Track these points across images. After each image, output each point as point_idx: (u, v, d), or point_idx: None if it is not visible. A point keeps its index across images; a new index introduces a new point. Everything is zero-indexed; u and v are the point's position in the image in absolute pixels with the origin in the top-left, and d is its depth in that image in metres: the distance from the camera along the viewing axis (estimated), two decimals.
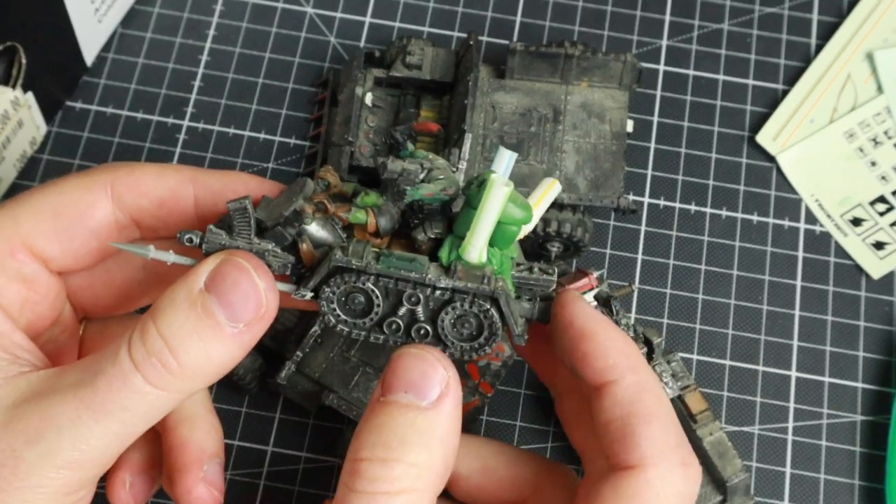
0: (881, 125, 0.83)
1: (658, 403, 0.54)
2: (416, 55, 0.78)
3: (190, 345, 0.51)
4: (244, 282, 0.52)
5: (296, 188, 0.55)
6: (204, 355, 0.51)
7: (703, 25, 0.87)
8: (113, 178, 0.57)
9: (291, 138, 0.83)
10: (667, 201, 0.81)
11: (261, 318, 0.52)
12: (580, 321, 0.56)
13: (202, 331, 0.51)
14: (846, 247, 0.80)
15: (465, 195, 0.54)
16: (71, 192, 0.57)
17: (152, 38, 0.85)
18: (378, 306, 0.54)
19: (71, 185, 0.57)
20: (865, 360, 0.78)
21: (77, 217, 0.57)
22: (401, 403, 0.52)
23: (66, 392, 0.50)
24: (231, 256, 0.52)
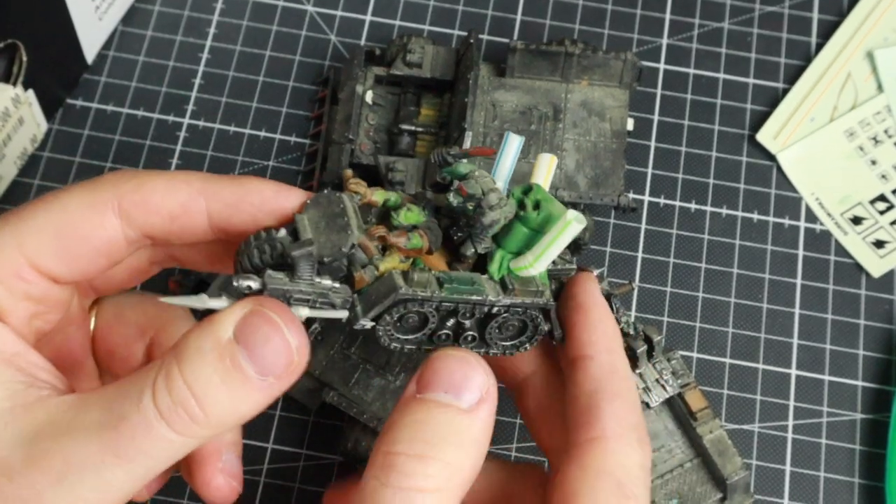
0: (881, 124, 0.83)
1: (624, 386, 0.55)
2: (417, 53, 0.78)
3: (217, 396, 0.50)
4: (275, 337, 0.50)
5: (334, 207, 0.53)
6: (231, 406, 0.50)
7: (703, 24, 0.87)
8: (119, 194, 0.55)
9: (292, 136, 0.83)
10: (667, 199, 0.81)
11: (291, 372, 0.51)
12: (583, 296, 0.57)
13: (230, 383, 0.50)
14: (846, 245, 0.80)
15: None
16: (75, 210, 0.55)
17: (153, 35, 0.85)
18: (433, 324, 0.54)
19: (75, 203, 0.55)
20: (865, 358, 0.78)
21: (82, 238, 0.55)
22: (440, 402, 0.51)
23: (90, 433, 0.49)
24: (261, 308, 0.51)
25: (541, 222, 0.54)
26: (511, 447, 0.75)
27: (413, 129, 0.77)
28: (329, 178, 0.77)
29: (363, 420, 0.69)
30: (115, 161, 0.81)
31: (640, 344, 0.67)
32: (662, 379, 0.69)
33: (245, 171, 0.81)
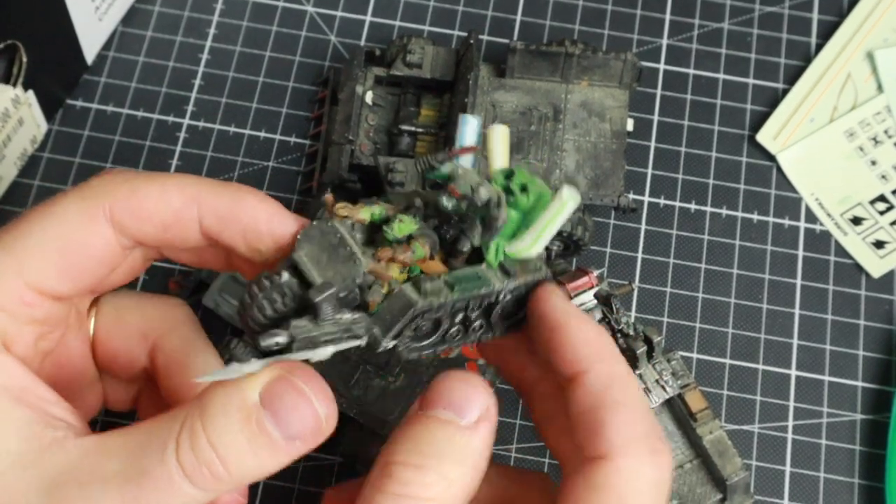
0: (881, 124, 0.83)
1: (626, 392, 0.53)
2: (417, 54, 0.78)
3: (242, 457, 0.50)
4: (303, 406, 0.50)
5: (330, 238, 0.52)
6: (256, 467, 0.50)
7: (703, 24, 0.87)
8: (112, 201, 0.54)
9: (292, 137, 0.83)
10: (667, 200, 0.81)
11: (318, 437, 0.51)
12: (552, 313, 0.55)
13: (256, 445, 0.50)
14: (846, 246, 0.80)
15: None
16: (72, 222, 0.54)
17: (153, 36, 0.85)
18: (445, 325, 0.54)
19: (71, 215, 0.54)
20: (865, 358, 0.78)
21: (83, 250, 0.54)
22: (441, 419, 0.52)
23: (111, 484, 0.49)
24: (288, 375, 0.50)
25: (532, 204, 0.54)
26: (511, 447, 0.75)
27: (413, 129, 0.77)
28: (329, 178, 0.77)
29: (363, 421, 0.69)
30: (115, 162, 0.81)
31: (639, 345, 0.67)
32: (662, 380, 0.69)
33: (245, 172, 0.81)
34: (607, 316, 0.69)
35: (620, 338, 0.69)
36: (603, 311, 0.69)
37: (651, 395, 0.69)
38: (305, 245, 0.52)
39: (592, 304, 0.71)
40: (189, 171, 0.81)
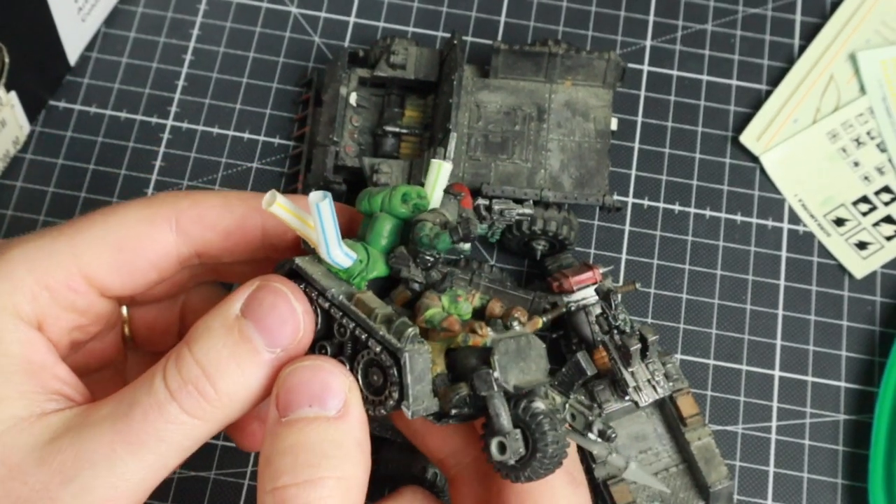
0: (864, 126, 0.83)
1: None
2: (401, 55, 0.78)
3: (228, 371, 0.50)
4: (282, 305, 0.51)
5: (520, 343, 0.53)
6: (242, 381, 0.50)
7: (686, 26, 0.87)
8: (177, 210, 0.56)
9: (275, 138, 0.82)
10: (651, 201, 0.82)
11: (299, 342, 0.52)
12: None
13: (240, 356, 0.50)
14: (829, 247, 0.81)
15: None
16: (134, 224, 0.55)
17: (136, 37, 0.85)
18: None
19: (134, 217, 0.56)
20: (848, 359, 0.78)
21: (140, 251, 0.55)
22: (308, 419, 0.50)
23: (102, 425, 0.50)
24: (267, 281, 0.52)
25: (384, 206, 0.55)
26: None
27: (397, 130, 0.77)
28: (314, 180, 0.77)
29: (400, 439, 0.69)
30: (98, 163, 0.81)
31: (634, 342, 0.67)
32: (654, 380, 0.69)
33: (229, 173, 0.81)
34: (605, 311, 0.69)
35: (617, 334, 0.69)
36: (602, 307, 0.69)
37: (641, 393, 0.69)
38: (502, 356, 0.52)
39: (594, 299, 0.72)
40: (172, 173, 0.81)
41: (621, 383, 0.69)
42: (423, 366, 0.51)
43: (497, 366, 0.51)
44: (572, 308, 0.72)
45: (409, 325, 0.50)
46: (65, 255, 0.54)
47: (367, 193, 0.56)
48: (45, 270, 0.53)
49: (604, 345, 0.70)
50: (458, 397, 0.51)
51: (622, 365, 0.68)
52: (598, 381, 0.70)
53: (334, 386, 0.51)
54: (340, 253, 0.53)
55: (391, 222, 0.55)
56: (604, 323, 0.69)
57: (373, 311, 0.51)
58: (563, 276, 0.72)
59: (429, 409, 0.51)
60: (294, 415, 0.50)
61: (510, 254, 0.79)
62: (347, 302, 0.52)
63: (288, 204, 0.53)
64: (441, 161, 0.56)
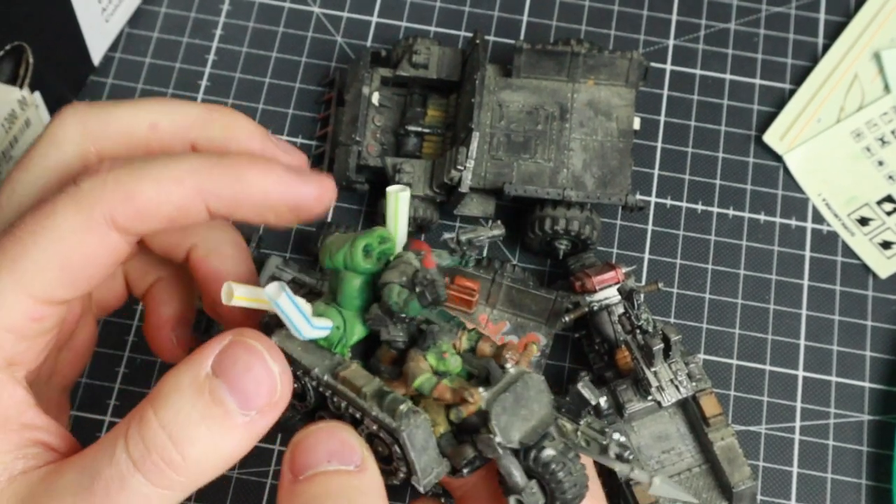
0: (888, 124, 0.83)
1: None
2: (423, 54, 0.78)
3: (196, 436, 0.46)
4: (256, 365, 0.48)
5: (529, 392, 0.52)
6: (212, 447, 0.47)
7: (709, 25, 0.87)
8: (109, 208, 0.51)
9: (298, 138, 0.83)
10: (674, 200, 0.81)
11: (274, 405, 0.48)
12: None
13: (210, 420, 0.47)
14: (853, 246, 0.80)
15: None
16: (70, 236, 0.51)
17: (159, 37, 0.85)
18: None
19: (68, 228, 0.51)
20: (872, 359, 0.78)
21: (85, 261, 0.52)
22: (329, 472, 0.48)
23: (64, 497, 0.47)
24: (241, 336, 0.48)
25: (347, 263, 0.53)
26: None
27: (420, 130, 0.77)
28: (336, 179, 0.77)
29: None
30: None
31: (656, 342, 0.67)
32: (677, 380, 0.69)
33: None
34: (628, 311, 0.69)
35: (639, 334, 0.69)
36: (624, 306, 0.69)
37: (664, 393, 0.69)
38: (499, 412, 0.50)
39: (616, 298, 0.71)
40: None
41: (644, 383, 0.69)
42: (424, 436, 0.50)
43: (497, 430, 0.49)
44: (595, 308, 0.72)
45: (400, 401, 0.49)
46: (14, 291, 0.50)
47: (327, 249, 0.53)
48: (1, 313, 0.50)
49: (626, 344, 0.69)
50: (467, 460, 0.50)
51: (645, 365, 0.68)
52: (621, 380, 0.70)
53: (352, 442, 0.49)
54: (313, 330, 0.51)
55: (359, 279, 0.52)
56: (626, 323, 0.69)
57: (361, 390, 0.50)
58: (586, 275, 0.72)
59: (440, 474, 0.51)
60: (313, 471, 0.48)
61: (532, 254, 0.79)
62: (334, 381, 0.50)
63: (247, 292, 0.50)
64: (397, 190, 0.54)
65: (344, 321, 0.52)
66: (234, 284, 0.50)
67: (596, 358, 0.74)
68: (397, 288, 0.51)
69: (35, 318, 0.51)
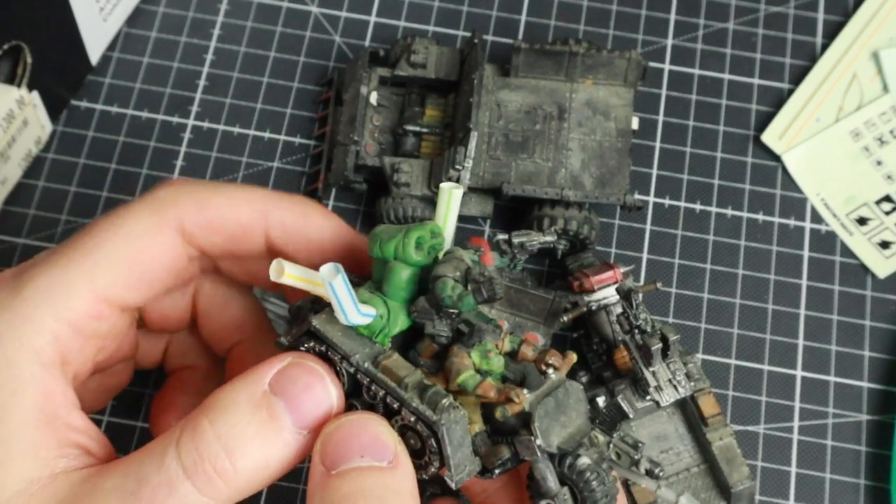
0: (887, 124, 0.83)
1: None
2: (421, 54, 0.78)
3: (251, 449, 0.48)
4: (317, 386, 0.49)
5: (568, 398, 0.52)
6: (263, 461, 0.48)
7: (708, 24, 0.87)
8: (181, 213, 0.54)
9: (296, 137, 0.82)
10: (672, 200, 0.81)
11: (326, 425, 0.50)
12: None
13: (266, 435, 0.48)
14: (852, 246, 0.80)
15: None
16: (142, 236, 0.54)
17: (157, 37, 0.85)
18: None
19: (141, 228, 0.54)
20: (871, 359, 0.78)
21: (152, 263, 0.54)
22: (362, 468, 0.49)
23: (109, 499, 0.48)
24: (302, 360, 0.50)
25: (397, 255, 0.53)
26: None
27: (418, 129, 0.77)
28: (334, 179, 0.77)
29: None
30: (119, 163, 0.81)
31: (655, 342, 0.67)
32: (675, 380, 0.69)
33: (249, 173, 0.81)
34: (626, 311, 0.69)
35: (638, 334, 0.69)
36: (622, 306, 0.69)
37: (662, 393, 0.69)
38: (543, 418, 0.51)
39: (614, 298, 0.71)
40: (193, 172, 0.81)
41: (642, 383, 0.69)
42: (461, 432, 0.50)
43: (538, 432, 0.50)
44: (593, 307, 0.72)
45: (442, 395, 0.49)
46: (81, 284, 0.52)
47: (377, 238, 0.53)
48: (64, 306, 0.52)
49: (625, 344, 0.69)
50: (501, 461, 0.50)
51: (643, 364, 0.68)
52: (619, 380, 0.70)
53: (385, 437, 0.49)
54: (359, 316, 0.51)
55: (408, 271, 0.53)
56: (625, 322, 0.69)
57: (402, 380, 0.50)
58: (584, 275, 0.72)
59: (472, 472, 0.51)
60: (345, 466, 0.49)
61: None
62: (374, 369, 0.50)
63: (296, 271, 0.51)
64: (451, 187, 0.54)
65: (388, 311, 0.53)
66: (285, 262, 0.51)
67: (594, 358, 0.74)
68: (451, 282, 0.51)
69: (94, 316, 0.53)
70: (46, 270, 0.52)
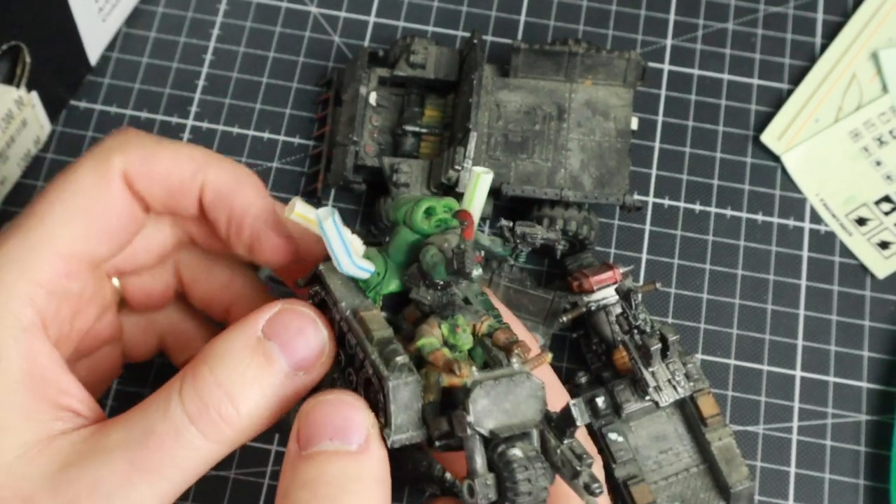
0: (886, 125, 0.83)
1: None
2: (420, 54, 0.78)
3: (251, 392, 0.49)
4: (308, 329, 0.51)
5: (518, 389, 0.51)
6: (264, 403, 0.50)
7: (707, 25, 0.87)
8: (127, 163, 0.55)
9: (295, 137, 0.82)
10: (671, 201, 0.81)
11: (323, 365, 0.52)
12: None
13: (264, 378, 0.50)
14: (851, 246, 0.80)
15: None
16: (90, 190, 0.55)
17: (156, 37, 0.85)
18: None
19: (88, 182, 0.55)
20: (870, 359, 0.78)
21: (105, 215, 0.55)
22: (328, 452, 0.49)
23: (115, 452, 0.49)
24: (293, 305, 0.52)
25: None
26: None
27: (417, 130, 0.77)
28: (333, 179, 0.77)
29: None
30: None
31: (654, 342, 0.67)
32: (675, 380, 0.69)
33: None
34: (626, 311, 0.69)
35: (637, 334, 0.69)
36: (622, 306, 0.69)
37: (662, 393, 0.69)
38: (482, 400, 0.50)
39: (614, 298, 0.71)
40: None
41: (641, 383, 0.69)
42: (409, 396, 0.50)
43: (471, 409, 0.49)
44: (592, 308, 0.72)
45: (399, 353, 0.50)
46: (43, 245, 0.53)
47: (395, 204, 0.55)
48: (33, 267, 0.53)
49: (624, 344, 0.69)
50: (440, 432, 0.50)
51: (642, 365, 0.68)
52: (619, 380, 0.70)
53: (357, 420, 0.50)
54: (353, 266, 0.52)
55: (412, 237, 0.54)
56: (624, 323, 0.69)
57: (371, 332, 0.51)
58: (584, 275, 0.72)
59: (412, 438, 0.50)
60: (315, 448, 0.49)
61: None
62: (352, 318, 0.52)
63: (305, 210, 0.53)
64: (482, 171, 0.56)
65: (386, 270, 0.54)
66: (299, 202, 0.53)
67: (593, 358, 0.74)
68: (434, 250, 0.52)
69: (64, 275, 0.54)
70: (8, 239, 0.53)
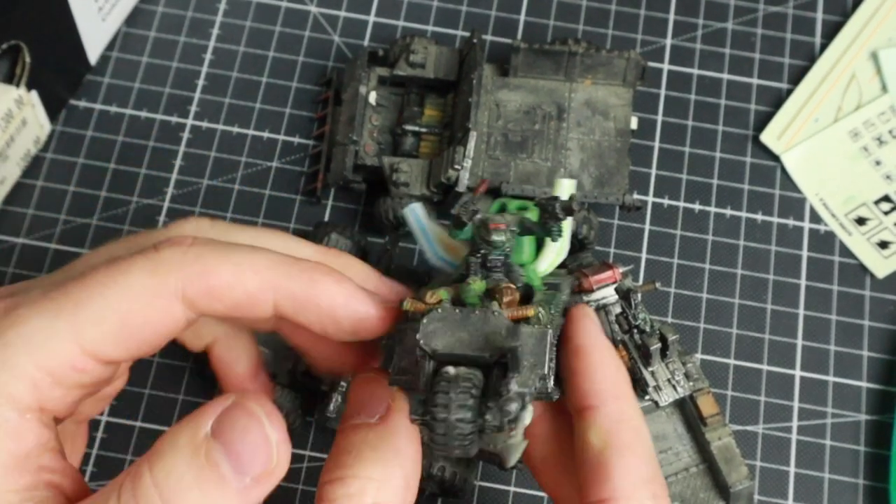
0: (886, 124, 0.83)
1: (635, 435, 0.52)
2: (420, 54, 0.78)
3: (189, 498, 0.45)
4: (255, 430, 0.47)
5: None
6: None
7: (707, 24, 0.87)
8: (184, 279, 0.52)
9: (295, 137, 0.82)
10: (671, 200, 0.81)
11: (270, 474, 0.48)
12: (581, 337, 0.54)
13: (203, 483, 0.46)
14: (850, 246, 0.80)
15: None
16: (138, 298, 0.51)
17: (156, 36, 0.85)
18: None
19: (138, 290, 0.51)
20: (870, 359, 0.78)
21: (145, 325, 0.52)
22: (354, 425, 0.51)
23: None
24: (243, 400, 0.48)
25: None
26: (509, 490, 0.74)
27: (417, 129, 0.77)
28: (333, 179, 0.77)
29: None
30: (118, 162, 0.81)
31: (654, 342, 0.67)
32: (674, 379, 0.69)
33: (248, 172, 0.81)
34: (625, 311, 0.69)
35: (636, 333, 0.68)
36: (621, 306, 0.69)
37: (661, 393, 0.69)
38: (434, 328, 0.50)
39: (613, 298, 0.71)
40: (192, 172, 0.81)
41: (641, 383, 0.68)
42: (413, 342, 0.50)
43: (421, 329, 0.48)
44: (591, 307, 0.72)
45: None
46: (66, 335, 0.50)
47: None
48: (46, 354, 0.50)
49: (623, 344, 0.69)
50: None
51: (642, 364, 0.68)
52: None
53: (378, 394, 0.51)
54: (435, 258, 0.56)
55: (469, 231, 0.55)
56: (623, 322, 0.69)
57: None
58: (583, 275, 0.72)
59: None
60: (346, 423, 0.51)
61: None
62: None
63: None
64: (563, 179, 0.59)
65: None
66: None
67: None
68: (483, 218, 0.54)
69: (77, 369, 0.51)
70: (34, 315, 0.51)
